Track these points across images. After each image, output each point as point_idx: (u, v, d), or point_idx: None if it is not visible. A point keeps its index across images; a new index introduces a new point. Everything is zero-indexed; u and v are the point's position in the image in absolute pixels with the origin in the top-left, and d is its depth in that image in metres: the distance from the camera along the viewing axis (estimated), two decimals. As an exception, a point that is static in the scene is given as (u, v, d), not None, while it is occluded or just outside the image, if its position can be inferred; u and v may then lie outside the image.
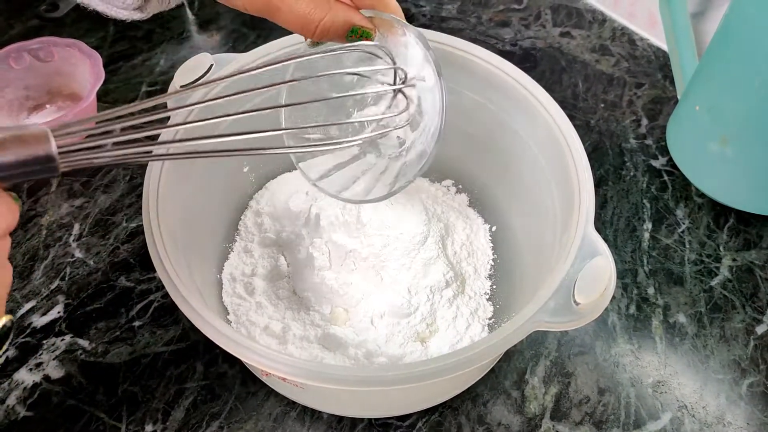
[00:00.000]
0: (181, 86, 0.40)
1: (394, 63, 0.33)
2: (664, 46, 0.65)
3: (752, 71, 0.44)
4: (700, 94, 0.50)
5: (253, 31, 0.67)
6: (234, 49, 0.65)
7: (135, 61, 0.63)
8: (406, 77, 0.34)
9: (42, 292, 0.47)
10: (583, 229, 0.33)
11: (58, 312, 0.46)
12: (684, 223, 0.52)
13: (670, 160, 0.56)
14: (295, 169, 0.50)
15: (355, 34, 0.32)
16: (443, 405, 0.42)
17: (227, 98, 0.28)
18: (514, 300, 0.43)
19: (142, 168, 0.50)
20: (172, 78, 0.40)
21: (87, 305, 0.46)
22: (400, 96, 0.35)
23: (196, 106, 0.28)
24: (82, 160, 0.24)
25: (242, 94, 0.28)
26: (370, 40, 0.33)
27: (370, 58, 0.34)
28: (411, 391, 0.38)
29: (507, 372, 0.43)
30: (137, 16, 0.37)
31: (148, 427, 0.40)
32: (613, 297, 0.47)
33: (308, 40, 0.33)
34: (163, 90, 0.60)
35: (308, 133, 0.37)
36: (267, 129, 0.29)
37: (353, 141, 0.33)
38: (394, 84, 0.34)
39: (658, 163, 0.56)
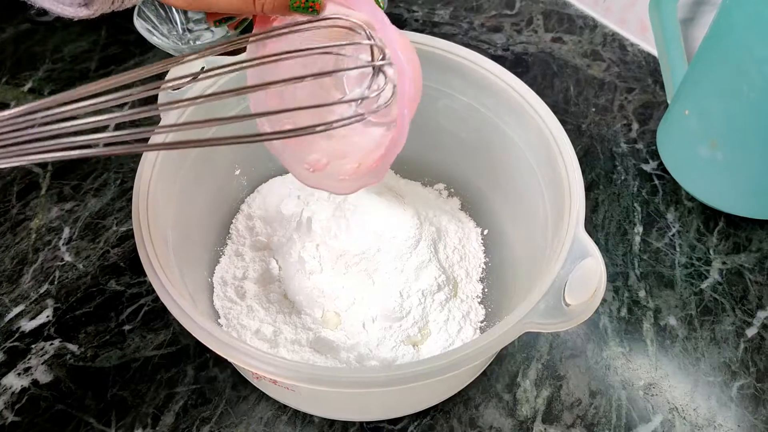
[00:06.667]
0: (173, 89, 0.39)
1: (370, 38, 0.30)
2: (655, 52, 0.65)
3: (741, 76, 0.44)
4: (690, 99, 0.51)
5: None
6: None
7: (127, 64, 0.63)
8: (384, 54, 0.31)
9: (31, 296, 0.46)
10: (574, 230, 0.33)
11: (47, 316, 0.45)
12: (674, 227, 0.52)
13: (661, 164, 0.56)
14: (287, 173, 0.50)
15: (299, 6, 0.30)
16: (435, 408, 0.42)
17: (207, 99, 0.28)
18: (505, 303, 0.43)
19: (133, 172, 0.50)
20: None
21: (76, 309, 0.46)
22: (379, 72, 0.32)
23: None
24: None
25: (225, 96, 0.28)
26: (318, 7, 0.30)
27: (345, 33, 0.31)
28: (402, 394, 0.38)
29: (499, 375, 0.43)
30: (83, 13, 0.35)
31: (138, 432, 0.40)
32: (604, 300, 0.48)
33: (234, 30, 0.31)
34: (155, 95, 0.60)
35: (287, 119, 0.35)
36: (246, 115, 0.28)
37: (332, 125, 0.30)
38: (372, 60, 0.31)
39: (648, 167, 0.56)
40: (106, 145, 0.24)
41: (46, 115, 0.24)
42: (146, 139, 0.35)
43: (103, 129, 0.24)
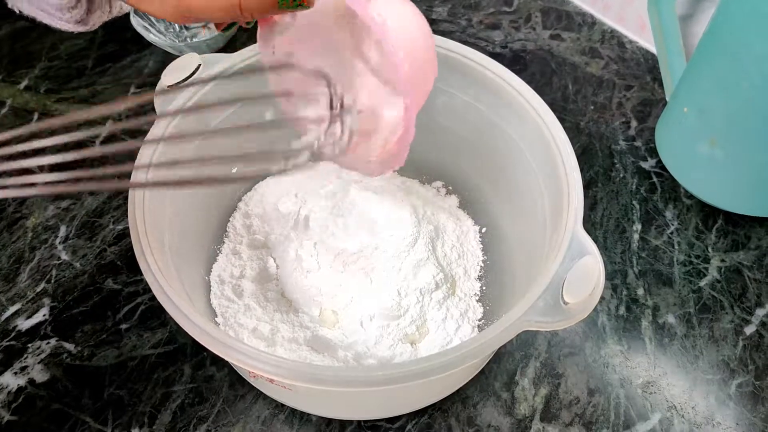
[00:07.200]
0: (168, 86, 0.39)
1: (330, 84, 0.30)
2: (653, 49, 0.65)
3: (740, 73, 0.44)
4: (689, 96, 0.51)
5: (244, 32, 0.67)
6: (223, 49, 0.65)
7: (124, 62, 0.63)
8: (342, 103, 0.31)
9: (27, 295, 0.46)
10: (572, 228, 0.33)
11: (44, 315, 0.45)
12: (673, 225, 0.52)
13: (659, 161, 0.56)
14: (285, 171, 0.50)
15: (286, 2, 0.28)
16: (433, 407, 0.42)
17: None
18: (504, 301, 0.43)
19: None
20: (159, 79, 0.40)
21: (73, 308, 0.45)
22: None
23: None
24: None
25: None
26: (306, 2, 0.28)
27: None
28: (400, 393, 0.38)
29: (497, 373, 0.43)
30: (81, 28, 0.36)
31: (135, 431, 0.40)
32: (603, 298, 0.48)
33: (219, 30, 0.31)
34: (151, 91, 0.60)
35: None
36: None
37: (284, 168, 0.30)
38: (331, 108, 0.30)
39: (647, 164, 0.56)
40: (104, 142, 0.24)
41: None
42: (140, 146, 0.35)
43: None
